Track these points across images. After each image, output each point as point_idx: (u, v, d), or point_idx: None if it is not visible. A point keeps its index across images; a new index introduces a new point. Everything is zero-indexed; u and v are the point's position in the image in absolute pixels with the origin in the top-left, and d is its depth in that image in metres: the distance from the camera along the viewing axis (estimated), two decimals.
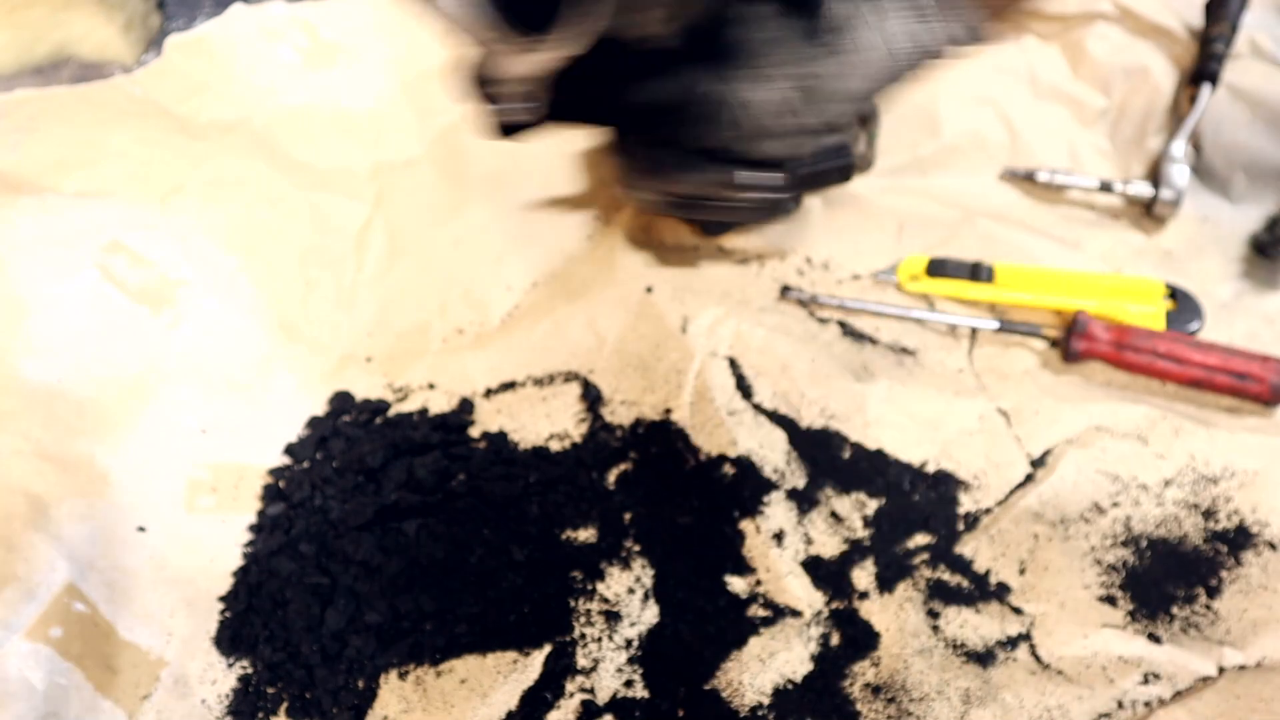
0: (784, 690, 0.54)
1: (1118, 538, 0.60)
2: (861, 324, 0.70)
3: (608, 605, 0.57)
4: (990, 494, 0.62)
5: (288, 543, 0.59)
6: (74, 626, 0.53)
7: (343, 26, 0.79)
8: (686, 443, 0.64)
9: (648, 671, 0.55)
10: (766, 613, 0.57)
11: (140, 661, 0.54)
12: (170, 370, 0.63)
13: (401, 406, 0.66)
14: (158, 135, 0.70)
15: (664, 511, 0.61)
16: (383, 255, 0.73)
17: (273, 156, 0.73)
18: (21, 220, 0.63)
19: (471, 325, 0.71)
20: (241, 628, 0.56)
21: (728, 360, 0.67)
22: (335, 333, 0.69)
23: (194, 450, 0.62)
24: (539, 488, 0.62)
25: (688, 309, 0.69)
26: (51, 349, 0.60)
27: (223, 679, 0.55)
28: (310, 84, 0.77)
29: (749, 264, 0.73)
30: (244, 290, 0.67)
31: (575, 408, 0.66)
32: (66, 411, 0.59)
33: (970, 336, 0.69)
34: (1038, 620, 0.57)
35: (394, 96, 0.78)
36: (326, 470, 0.62)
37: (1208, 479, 0.61)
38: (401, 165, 0.76)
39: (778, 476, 0.62)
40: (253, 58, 0.76)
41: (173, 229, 0.67)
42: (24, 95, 0.69)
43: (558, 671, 0.55)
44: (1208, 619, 0.57)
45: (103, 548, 0.56)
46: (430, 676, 0.55)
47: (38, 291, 0.61)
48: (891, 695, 0.54)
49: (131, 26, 0.77)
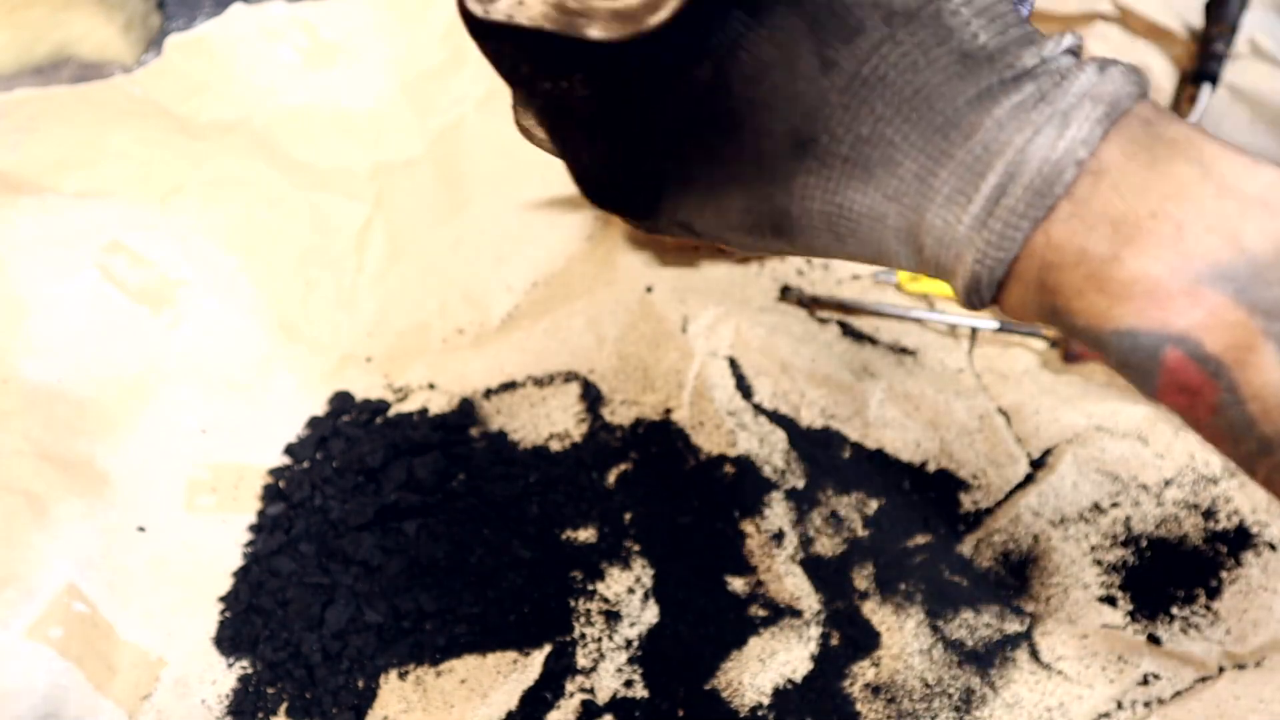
0: (784, 690, 0.54)
1: (1118, 538, 0.60)
2: (861, 324, 0.70)
3: (608, 605, 0.57)
4: (990, 494, 0.62)
5: (288, 543, 0.59)
6: (74, 626, 0.53)
7: (343, 26, 0.79)
8: (686, 443, 0.64)
9: (648, 671, 0.55)
10: (766, 613, 0.57)
11: (140, 661, 0.54)
12: (170, 370, 0.63)
13: (401, 406, 0.66)
14: (158, 135, 0.70)
15: (664, 511, 0.61)
16: (383, 255, 0.73)
17: (273, 156, 0.73)
18: (21, 220, 0.63)
19: (471, 325, 0.71)
20: (241, 628, 0.56)
21: (728, 360, 0.67)
22: (335, 333, 0.69)
23: (194, 450, 0.62)
24: (539, 488, 0.62)
25: (688, 309, 0.69)
26: (51, 349, 0.60)
27: (223, 679, 0.55)
28: (310, 84, 0.77)
29: (749, 264, 0.73)
30: (244, 290, 0.67)
31: (575, 408, 0.66)
32: (66, 411, 0.59)
33: (970, 336, 0.69)
34: (1038, 620, 0.57)
35: (394, 96, 0.78)
36: (326, 470, 0.62)
37: (1208, 479, 0.61)
38: (401, 165, 0.76)
39: (778, 476, 0.62)
40: (253, 58, 0.76)
41: (173, 229, 0.67)
42: (24, 95, 0.69)
43: (558, 671, 0.55)
44: (1208, 619, 0.57)
45: (103, 548, 0.56)
46: (430, 676, 0.55)
47: (38, 291, 0.61)
48: (891, 695, 0.54)
49: (131, 26, 0.77)
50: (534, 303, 0.72)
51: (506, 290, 0.73)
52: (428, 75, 0.80)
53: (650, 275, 0.71)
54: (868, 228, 0.32)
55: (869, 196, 0.32)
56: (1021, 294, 0.31)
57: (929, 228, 0.31)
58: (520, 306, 0.72)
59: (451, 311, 0.71)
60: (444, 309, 0.71)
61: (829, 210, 0.32)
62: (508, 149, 0.79)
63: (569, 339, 0.69)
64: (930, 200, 0.31)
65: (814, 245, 0.34)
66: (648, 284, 0.70)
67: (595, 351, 0.68)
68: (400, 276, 0.72)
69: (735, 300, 0.70)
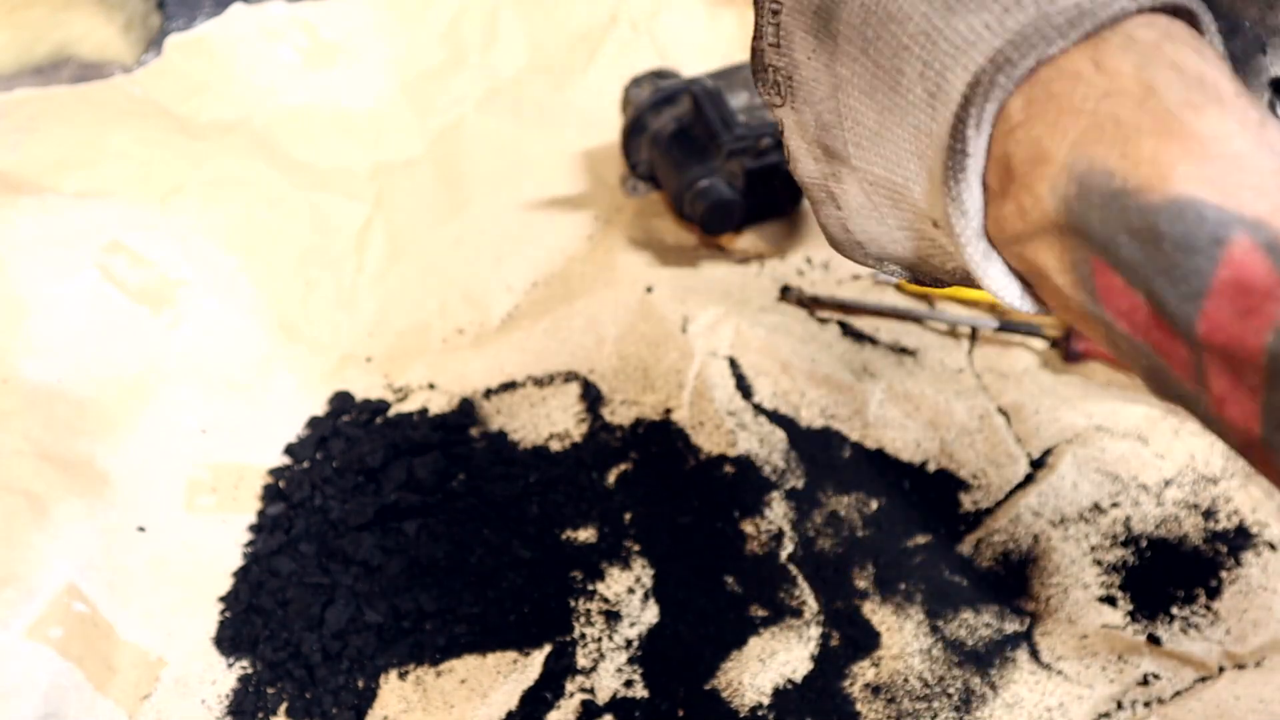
0: (784, 690, 0.54)
1: (1118, 538, 0.60)
2: (861, 324, 0.70)
3: (608, 605, 0.58)
4: (990, 494, 0.62)
5: (288, 543, 0.59)
6: (74, 626, 0.53)
7: (343, 26, 0.79)
8: (686, 443, 0.64)
9: (648, 671, 0.55)
10: (766, 613, 0.57)
11: (140, 661, 0.54)
12: (170, 370, 0.63)
13: (401, 406, 0.66)
14: (158, 135, 0.70)
15: (664, 511, 0.61)
16: (383, 255, 0.73)
17: (273, 156, 0.73)
18: (21, 220, 0.63)
19: (471, 325, 0.71)
20: (241, 628, 0.56)
21: (728, 360, 0.67)
22: (335, 333, 0.69)
23: (194, 450, 0.62)
24: (539, 488, 0.62)
25: (688, 309, 0.69)
26: (51, 349, 0.60)
27: (223, 679, 0.55)
28: (310, 84, 0.77)
29: (749, 264, 0.73)
30: (244, 290, 0.67)
31: (575, 408, 0.66)
32: (66, 411, 0.59)
33: (970, 336, 0.69)
34: (1038, 620, 0.57)
35: (394, 96, 0.78)
36: (326, 470, 0.62)
37: (1208, 479, 0.61)
38: (401, 165, 0.76)
39: (777, 476, 0.62)
40: (253, 58, 0.76)
41: (173, 229, 0.67)
42: (24, 95, 0.69)
43: (558, 671, 0.55)
44: (1208, 619, 0.57)
45: (103, 548, 0.56)
46: (430, 676, 0.55)
47: (38, 291, 0.61)
48: (891, 695, 0.54)
49: (131, 26, 0.78)
50: (534, 303, 0.72)
51: (506, 290, 0.73)
52: (428, 75, 0.80)
53: (650, 275, 0.71)
54: (890, 34, 0.29)
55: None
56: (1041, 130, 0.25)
57: (950, 33, 0.27)
58: (520, 306, 0.72)
59: (451, 311, 0.71)
60: (444, 309, 0.71)
61: (868, 1, 0.29)
62: (508, 149, 0.79)
63: (569, 339, 0.69)
64: (964, 3, 0.27)
65: (841, 50, 0.31)
66: (648, 284, 0.70)
67: (595, 351, 0.68)
68: (400, 276, 0.72)
69: (735, 300, 0.70)
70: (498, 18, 0.83)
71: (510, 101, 0.81)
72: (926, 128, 0.28)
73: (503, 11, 0.83)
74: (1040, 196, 0.25)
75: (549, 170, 0.79)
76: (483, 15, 0.83)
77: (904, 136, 0.29)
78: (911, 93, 0.28)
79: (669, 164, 0.71)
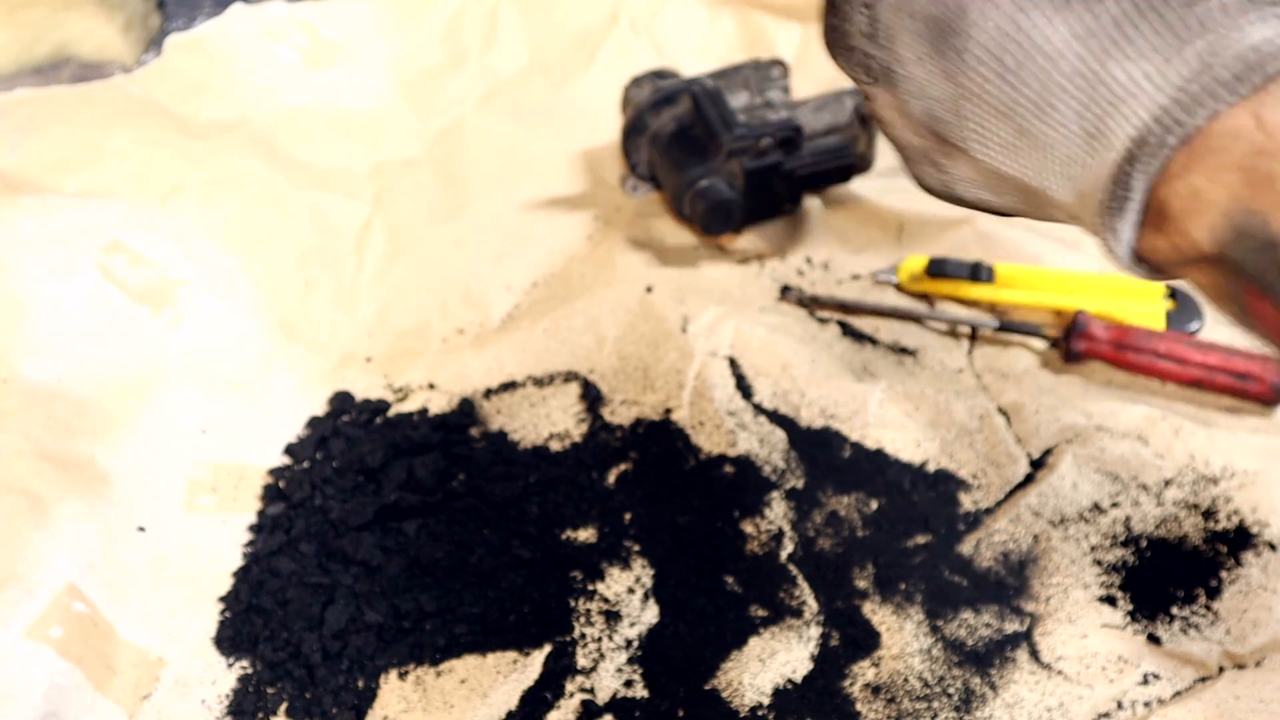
0: (784, 690, 0.54)
1: (1118, 538, 0.60)
2: (861, 324, 0.70)
3: (608, 605, 0.57)
4: (990, 494, 0.62)
5: (288, 543, 0.59)
6: (74, 626, 0.53)
7: (343, 26, 0.79)
8: (686, 443, 0.64)
9: (648, 671, 0.55)
10: (766, 613, 0.57)
11: (140, 661, 0.54)
12: (170, 370, 0.63)
13: (401, 406, 0.66)
14: (158, 135, 0.70)
15: (664, 511, 0.61)
16: (383, 255, 0.73)
17: (273, 156, 0.73)
18: (21, 220, 0.63)
19: (471, 325, 0.71)
20: (241, 628, 0.56)
21: (728, 360, 0.67)
22: (335, 333, 0.69)
23: (194, 450, 0.62)
24: (539, 488, 0.62)
25: (688, 309, 0.69)
26: (51, 349, 0.60)
27: (223, 679, 0.55)
28: (310, 84, 0.77)
29: (749, 264, 0.73)
30: (244, 290, 0.67)
31: (575, 408, 0.66)
32: (66, 411, 0.59)
33: (970, 336, 0.69)
34: (1038, 620, 0.57)
35: (394, 96, 0.78)
36: (326, 470, 0.62)
37: (1208, 479, 0.61)
38: (401, 165, 0.76)
39: (777, 476, 0.62)
40: (253, 58, 0.76)
41: (173, 229, 0.67)
42: (24, 95, 0.69)
43: (558, 671, 0.55)
44: (1208, 619, 0.57)
45: (103, 548, 0.56)
46: (430, 676, 0.55)
47: (38, 291, 0.61)
48: (891, 695, 0.54)
49: (131, 26, 0.78)
50: (534, 303, 0.72)
51: (506, 290, 0.73)
52: (428, 75, 0.80)
53: (650, 275, 0.71)
54: (1038, 66, 0.30)
55: (1055, 28, 0.29)
56: (1201, 182, 0.27)
57: (1108, 79, 0.28)
58: (520, 306, 0.72)
59: (451, 311, 0.71)
60: (444, 309, 0.71)
61: (1007, 29, 0.30)
62: (508, 149, 0.79)
63: (569, 339, 0.69)
64: (1121, 50, 0.28)
65: (969, 68, 0.32)
66: (648, 284, 0.70)
67: (595, 351, 0.68)
68: (400, 277, 0.72)
69: (735, 300, 0.70)
70: (498, 18, 0.83)
71: (510, 102, 0.81)
72: (1081, 160, 0.31)
73: (503, 12, 0.83)
74: (1196, 239, 0.28)
75: (549, 170, 0.79)
76: (483, 15, 0.83)
77: (1051, 159, 0.31)
78: (1065, 127, 0.30)
79: (669, 164, 0.71)
